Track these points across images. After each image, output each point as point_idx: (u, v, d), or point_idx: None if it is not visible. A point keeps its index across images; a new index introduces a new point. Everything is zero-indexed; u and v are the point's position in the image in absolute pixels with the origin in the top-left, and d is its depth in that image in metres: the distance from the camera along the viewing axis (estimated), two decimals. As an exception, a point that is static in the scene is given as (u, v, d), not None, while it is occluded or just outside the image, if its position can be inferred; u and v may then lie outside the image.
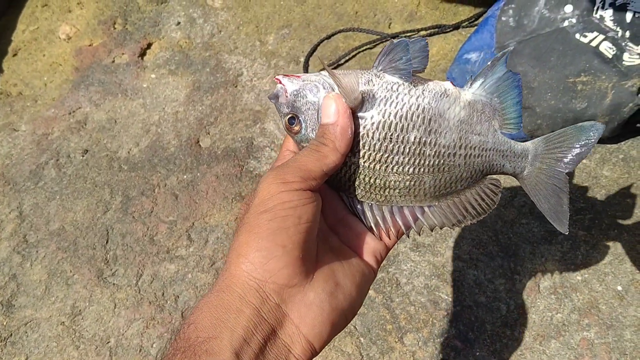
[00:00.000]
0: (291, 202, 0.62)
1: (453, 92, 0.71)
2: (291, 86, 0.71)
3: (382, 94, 0.69)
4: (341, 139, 0.67)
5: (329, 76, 0.70)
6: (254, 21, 2.28)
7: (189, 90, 2.11)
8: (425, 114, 0.69)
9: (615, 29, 1.64)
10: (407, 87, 0.70)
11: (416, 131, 0.69)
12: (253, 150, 1.91)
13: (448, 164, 0.71)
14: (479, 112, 0.72)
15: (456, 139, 0.71)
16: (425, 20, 2.14)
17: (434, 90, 0.70)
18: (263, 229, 0.60)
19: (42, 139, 2.05)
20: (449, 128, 0.70)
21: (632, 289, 1.48)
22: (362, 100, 0.69)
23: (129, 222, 1.79)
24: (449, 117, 0.70)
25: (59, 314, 1.65)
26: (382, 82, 0.70)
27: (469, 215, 0.75)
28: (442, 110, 0.70)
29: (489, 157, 0.73)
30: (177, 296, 1.64)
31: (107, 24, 2.34)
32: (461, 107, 0.71)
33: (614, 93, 1.56)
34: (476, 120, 0.72)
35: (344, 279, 0.67)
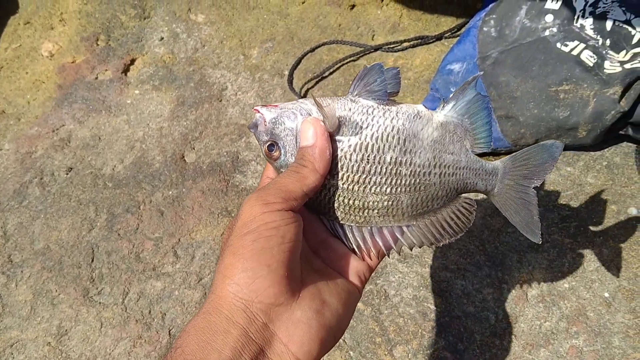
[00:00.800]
0: (274, 222, 0.63)
1: (426, 114, 0.75)
2: (269, 115, 0.73)
3: (358, 117, 0.72)
4: (320, 160, 0.69)
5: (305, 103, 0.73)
6: (237, 35, 2.28)
7: (173, 105, 2.10)
8: (400, 135, 0.72)
9: (595, 37, 1.66)
10: (381, 110, 0.73)
11: (392, 151, 0.72)
12: (239, 165, 1.90)
13: (424, 182, 0.74)
14: (451, 133, 0.75)
15: (430, 158, 0.74)
16: (408, 31, 2.15)
17: (407, 112, 0.74)
18: (247, 249, 0.61)
19: (26, 158, 2.03)
20: (423, 148, 0.73)
21: (619, 295, 1.48)
22: (339, 125, 0.71)
23: (115, 239, 1.78)
24: (422, 137, 0.73)
25: (45, 334, 1.63)
26: (358, 106, 0.73)
27: (446, 234, 0.77)
28: (415, 130, 0.73)
29: (462, 176, 0.77)
30: (164, 314, 1.62)
31: (89, 41, 2.33)
32: (434, 127, 0.74)
33: (595, 101, 1.57)
34: (449, 140, 0.75)
35: (331, 297, 0.68)
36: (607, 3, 1.67)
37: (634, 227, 1.57)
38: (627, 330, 1.44)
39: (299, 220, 0.67)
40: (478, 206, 1.63)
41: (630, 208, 1.60)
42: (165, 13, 2.39)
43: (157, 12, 2.40)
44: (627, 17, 1.64)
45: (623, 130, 1.66)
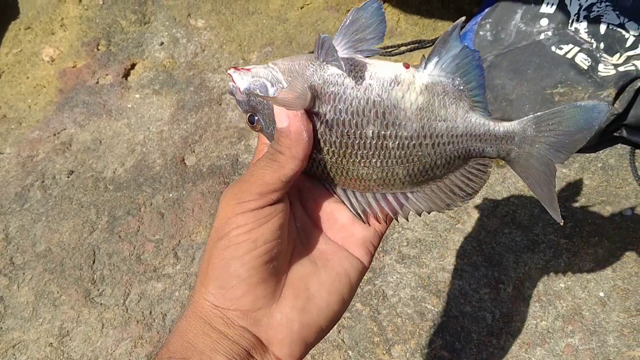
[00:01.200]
0: (246, 225, 0.59)
1: (405, 78, 0.64)
2: (242, 83, 0.66)
3: (329, 89, 0.63)
4: (296, 144, 0.61)
5: (275, 69, 0.65)
6: (236, 40, 2.30)
7: (173, 109, 2.12)
8: (377, 108, 0.63)
9: (590, 40, 1.68)
10: (352, 80, 0.63)
11: (372, 126, 0.64)
12: (238, 167, 1.92)
13: (416, 154, 0.66)
14: (440, 96, 0.64)
15: (418, 129, 0.64)
16: (405, 35, 2.17)
17: (382, 79, 0.63)
18: (218, 259, 0.60)
19: (27, 161, 2.05)
20: (407, 118, 0.64)
21: (614, 294, 1.50)
22: (313, 97, 0.63)
23: (116, 241, 1.79)
24: (404, 107, 0.64)
25: (47, 335, 1.65)
26: (327, 76, 0.63)
27: (458, 198, 0.69)
28: (395, 100, 0.63)
29: (462, 144, 0.66)
30: (165, 314, 1.64)
31: (90, 46, 2.35)
32: (417, 93, 0.64)
33: (590, 103, 1.59)
34: (438, 105, 0.64)
35: (319, 289, 0.64)
36: (601, 7, 1.69)
37: (628, 228, 1.59)
38: (621, 328, 1.46)
39: (280, 212, 0.62)
40: (475, 207, 1.65)
41: (624, 209, 1.62)
42: (166, 18, 2.41)
43: (157, 17, 2.43)
44: (620, 20, 1.67)
45: (617, 132, 1.68)
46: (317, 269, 0.66)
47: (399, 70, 0.64)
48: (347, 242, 0.69)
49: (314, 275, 0.65)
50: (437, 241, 1.65)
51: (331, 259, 0.67)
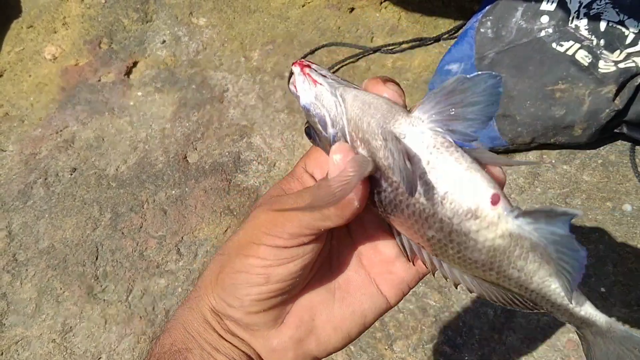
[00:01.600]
0: (265, 260, 0.55)
1: (488, 216, 0.52)
2: (303, 96, 0.57)
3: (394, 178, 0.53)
4: (345, 210, 0.53)
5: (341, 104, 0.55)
6: (238, 38, 2.31)
7: (175, 107, 2.13)
8: (444, 226, 0.53)
9: (590, 37, 1.69)
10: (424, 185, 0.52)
11: (433, 232, 0.54)
12: (240, 164, 1.93)
13: (476, 271, 0.56)
14: (524, 249, 0.53)
15: (486, 261, 0.54)
16: (406, 33, 2.18)
17: (458, 205, 0.52)
18: (229, 276, 0.57)
19: (30, 159, 2.06)
20: (477, 249, 0.53)
21: (615, 290, 1.51)
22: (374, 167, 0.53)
23: (119, 238, 1.80)
24: (476, 239, 0.52)
25: (50, 331, 1.65)
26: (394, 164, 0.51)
27: (516, 306, 0.58)
28: (467, 230, 0.52)
29: (532, 297, 0.55)
30: (168, 310, 1.65)
31: (92, 44, 2.36)
32: (497, 235, 0.52)
33: (591, 100, 1.60)
34: (518, 255, 0.53)
35: (325, 324, 0.60)
36: (601, 4, 1.70)
37: (628, 224, 1.60)
38: (622, 323, 1.46)
39: (307, 253, 0.56)
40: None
41: (625, 205, 1.63)
42: (167, 17, 2.42)
43: (159, 15, 2.44)
44: (620, 17, 1.68)
45: (618, 129, 1.69)
46: (331, 301, 0.61)
47: (483, 202, 0.51)
48: (381, 279, 0.62)
49: (325, 307, 0.61)
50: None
51: (352, 294, 0.62)
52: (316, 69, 0.58)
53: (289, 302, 0.60)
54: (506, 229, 0.52)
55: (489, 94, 0.49)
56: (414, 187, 0.50)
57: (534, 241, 0.51)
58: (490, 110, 0.49)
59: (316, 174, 0.62)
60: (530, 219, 0.51)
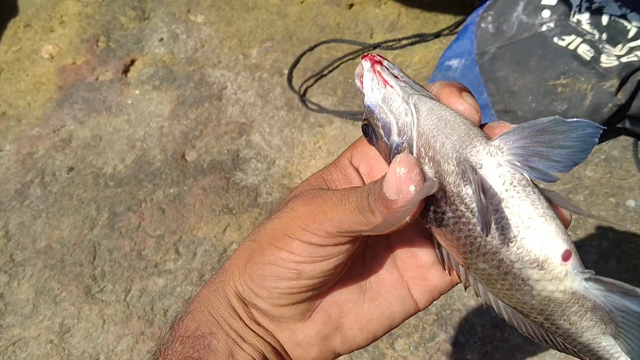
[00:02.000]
0: (298, 256, 0.53)
1: (554, 270, 0.49)
2: (369, 96, 0.54)
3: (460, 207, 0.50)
4: (393, 221, 0.50)
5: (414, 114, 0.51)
6: (237, 35, 2.29)
7: (173, 105, 2.11)
8: (502, 266, 0.50)
9: (592, 31, 1.67)
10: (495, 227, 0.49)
11: (487, 266, 0.51)
12: (239, 162, 1.91)
13: (523, 310, 0.53)
14: (585, 309, 0.51)
15: (536, 307, 0.52)
16: (406, 29, 2.16)
17: (526, 252, 0.49)
18: (258, 265, 0.55)
19: (27, 158, 2.04)
20: (530, 295, 0.51)
21: (619, 286, 1.49)
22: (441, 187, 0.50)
23: (116, 237, 1.78)
24: (534, 287, 0.50)
25: (48, 332, 1.64)
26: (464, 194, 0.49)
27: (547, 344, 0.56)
28: (526, 276, 0.50)
29: (578, 348, 0.54)
30: (167, 310, 1.63)
31: (90, 42, 2.34)
32: (558, 289, 0.50)
33: (593, 94, 1.59)
34: (574, 311, 0.51)
35: (353, 323, 0.59)
36: (603, -2, 1.69)
37: (632, 219, 1.58)
38: (627, 320, 1.45)
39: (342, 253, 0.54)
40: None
41: (628, 200, 1.61)
42: (165, 14, 2.40)
43: (157, 13, 2.42)
44: (622, 11, 1.66)
45: (620, 124, 1.67)
46: (361, 299, 0.59)
47: (554, 256, 0.48)
48: (414, 283, 0.60)
49: (355, 306, 0.59)
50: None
51: (383, 295, 0.60)
52: (388, 67, 0.54)
53: (318, 297, 0.58)
54: (570, 287, 0.49)
55: (583, 142, 0.46)
56: (489, 225, 0.46)
57: (598, 304, 0.49)
58: (579, 157, 0.46)
59: (361, 169, 0.60)
60: (602, 287, 0.49)
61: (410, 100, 0.51)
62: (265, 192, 1.83)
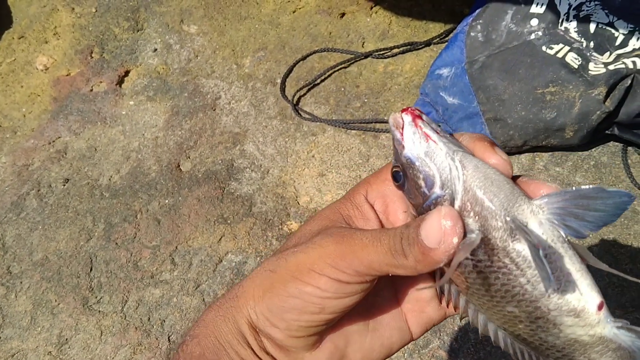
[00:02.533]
0: (326, 292, 0.54)
1: (589, 318, 0.53)
2: (410, 149, 0.56)
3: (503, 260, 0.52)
4: (425, 266, 0.53)
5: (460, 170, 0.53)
6: (230, 45, 2.31)
7: (167, 115, 2.13)
8: (536, 312, 0.53)
9: (580, 40, 1.70)
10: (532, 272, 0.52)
11: (517, 310, 0.54)
12: (234, 172, 1.93)
13: (537, 346, 0.56)
14: (608, 349, 0.54)
15: (558, 346, 0.55)
16: (397, 38, 2.18)
17: (566, 303, 0.52)
18: (280, 297, 0.56)
19: (23, 170, 2.05)
20: (556, 336, 0.54)
21: (610, 291, 1.51)
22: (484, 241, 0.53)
23: (112, 248, 1.80)
24: (562, 330, 0.54)
25: (46, 343, 1.65)
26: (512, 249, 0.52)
27: None
28: (559, 322, 0.53)
29: None
30: (163, 320, 1.65)
31: (84, 54, 2.36)
32: (588, 334, 0.53)
33: (581, 102, 1.61)
34: (597, 351, 0.54)
35: (356, 353, 0.61)
36: (590, 6, 1.71)
37: (622, 225, 1.60)
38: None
39: (363, 290, 0.56)
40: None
41: (618, 206, 1.63)
42: (158, 25, 2.42)
43: (150, 24, 2.43)
44: (610, 19, 1.68)
45: (609, 130, 1.69)
46: (365, 330, 0.62)
47: (590, 307, 0.52)
48: (411, 315, 0.63)
49: (359, 337, 0.62)
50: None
51: (384, 326, 0.63)
52: (427, 122, 0.56)
53: (322, 334, 0.60)
54: (600, 333, 0.53)
55: (616, 208, 0.50)
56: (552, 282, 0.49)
57: (623, 346, 0.53)
58: (609, 220, 0.50)
59: (377, 206, 0.62)
60: (633, 334, 0.53)
61: (455, 158, 0.54)
62: (260, 201, 1.85)
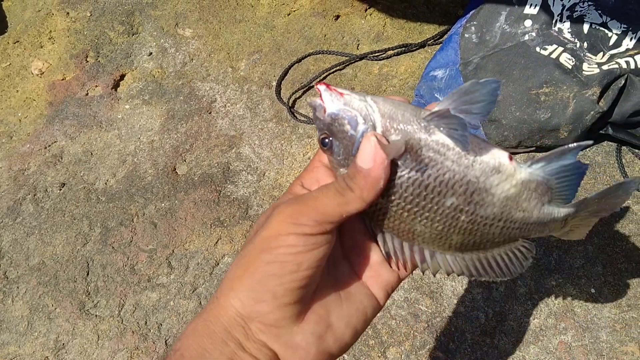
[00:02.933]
0: (296, 247, 0.59)
1: (507, 170, 0.64)
2: (331, 106, 0.64)
3: (427, 154, 0.62)
4: (370, 189, 0.61)
5: (373, 108, 0.63)
6: (225, 48, 2.31)
7: (163, 119, 2.13)
8: (469, 187, 0.63)
9: (573, 40, 1.70)
10: (457, 154, 0.62)
11: (454, 198, 0.64)
12: (230, 175, 1.93)
13: (482, 230, 0.66)
14: (530, 190, 0.66)
15: (497, 213, 0.65)
16: (392, 40, 2.19)
17: (486, 164, 0.63)
18: (259, 270, 0.59)
19: (19, 175, 2.05)
20: (492, 203, 0.65)
21: (605, 290, 1.52)
22: (405, 150, 0.62)
23: (109, 252, 1.80)
24: (494, 193, 0.64)
25: (42, 348, 1.65)
26: (431, 141, 0.63)
27: (493, 274, 0.70)
28: (489, 185, 0.64)
29: (529, 229, 0.68)
30: (160, 324, 1.65)
31: (79, 58, 2.36)
32: (512, 185, 0.65)
33: (575, 102, 1.61)
34: (525, 198, 0.66)
35: (338, 321, 0.65)
36: (583, 6, 1.71)
37: (617, 224, 1.61)
38: (613, 324, 1.47)
39: (328, 242, 0.62)
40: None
41: (613, 205, 1.64)
42: (153, 28, 2.42)
43: (145, 27, 2.44)
44: (603, 19, 1.69)
45: (603, 130, 1.70)
46: (340, 300, 0.67)
47: (503, 159, 0.64)
48: (371, 281, 0.70)
49: (336, 306, 0.66)
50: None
51: (354, 294, 0.68)
52: (338, 89, 0.66)
53: (309, 298, 0.64)
54: (520, 178, 0.65)
55: (490, 95, 0.60)
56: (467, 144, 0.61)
57: (539, 181, 0.66)
58: (490, 106, 0.61)
59: (314, 188, 0.68)
60: (544, 162, 0.65)
61: (367, 98, 0.64)
62: (256, 204, 1.85)
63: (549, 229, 0.71)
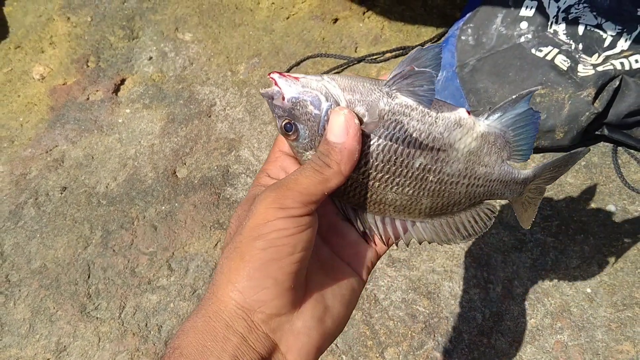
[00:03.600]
0: (287, 230, 0.59)
1: (467, 123, 0.68)
2: (289, 91, 0.65)
3: (393, 117, 0.65)
4: (347, 162, 0.63)
5: (333, 84, 0.65)
6: (224, 52, 2.33)
7: (163, 122, 2.15)
8: (435, 143, 0.66)
9: (568, 42, 1.72)
10: (420, 113, 0.66)
11: (422, 158, 0.67)
12: (229, 178, 1.95)
13: (449, 190, 0.70)
14: (490, 144, 0.70)
15: (462, 169, 0.69)
16: (390, 42, 2.21)
17: (448, 120, 0.67)
18: (255, 257, 0.59)
19: (20, 179, 2.07)
20: (456, 158, 0.68)
21: (601, 290, 1.53)
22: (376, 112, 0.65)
23: (110, 255, 1.81)
24: (458, 148, 0.68)
25: (44, 351, 1.66)
26: (395, 104, 0.65)
27: (460, 236, 0.74)
28: (453, 140, 0.67)
29: (491, 187, 0.72)
30: (161, 326, 1.66)
31: (80, 63, 2.38)
32: (473, 138, 0.68)
33: (570, 103, 1.63)
34: (485, 152, 0.70)
35: (333, 301, 0.67)
36: (578, 9, 1.73)
37: (613, 224, 1.62)
38: (609, 323, 1.48)
39: (314, 223, 0.63)
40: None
41: (609, 205, 1.65)
42: (153, 33, 2.44)
43: (145, 32, 2.46)
44: (598, 21, 1.70)
45: (599, 131, 1.71)
46: (329, 282, 0.68)
47: (462, 114, 0.68)
48: (352, 259, 0.72)
49: (329, 287, 0.67)
50: (426, 244, 1.68)
51: (340, 274, 0.70)
52: (292, 74, 0.67)
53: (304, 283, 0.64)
54: (479, 131, 0.68)
55: (435, 59, 0.64)
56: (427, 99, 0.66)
57: (497, 133, 0.69)
58: (436, 70, 0.64)
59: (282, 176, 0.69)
60: (499, 112, 0.69)
61: (323, 77, 0.66)
62: (256, 206, 1.86)
63: (510, 191, 0.75)
